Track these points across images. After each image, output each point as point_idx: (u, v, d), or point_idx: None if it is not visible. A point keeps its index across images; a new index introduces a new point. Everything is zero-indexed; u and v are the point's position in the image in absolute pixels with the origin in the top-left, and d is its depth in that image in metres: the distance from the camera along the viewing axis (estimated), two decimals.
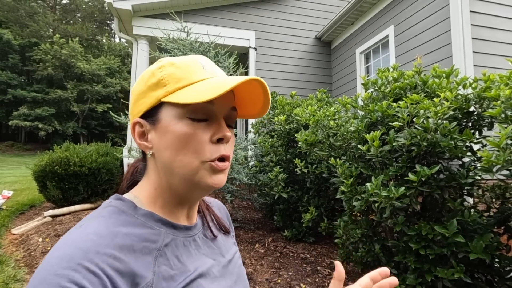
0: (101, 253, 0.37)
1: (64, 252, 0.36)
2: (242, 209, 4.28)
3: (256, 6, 6.03)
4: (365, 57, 5.34)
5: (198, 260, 0.48)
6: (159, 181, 0.49)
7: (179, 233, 0.48)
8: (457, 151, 1.63)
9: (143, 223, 0.45)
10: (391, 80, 2.25)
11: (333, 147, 2.39)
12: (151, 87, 0.47)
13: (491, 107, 1.69)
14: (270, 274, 2.34)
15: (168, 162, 0.46)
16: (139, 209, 0.46)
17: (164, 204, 0.49)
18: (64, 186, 4.19)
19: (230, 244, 0.60)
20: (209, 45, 3.31)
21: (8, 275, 2.42)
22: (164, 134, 0.46)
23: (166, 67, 0.48)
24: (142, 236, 0.43)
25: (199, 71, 0.48)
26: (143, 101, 0.48)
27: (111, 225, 0.41)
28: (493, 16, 3.28)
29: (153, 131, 0.47)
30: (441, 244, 1.67)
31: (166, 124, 0.46)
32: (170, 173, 0.47)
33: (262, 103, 0.52)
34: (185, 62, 0.48)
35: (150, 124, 0.48)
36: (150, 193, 0.49)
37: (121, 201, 0.47)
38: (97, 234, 0.39)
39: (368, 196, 1.77)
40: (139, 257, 0.40)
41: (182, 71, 0.47)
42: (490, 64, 3.11)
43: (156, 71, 0.48)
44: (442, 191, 1.69)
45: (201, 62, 0.49)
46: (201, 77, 0.47)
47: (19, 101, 20.82)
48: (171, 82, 0.46)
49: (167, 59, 0.49)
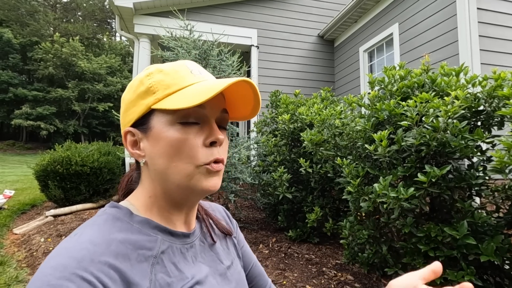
0: (95, 262, 0.36)
1: (58, 261, 0.36)
2: (245, 209, 4.26)
3: (259, 4, 5.98)
4: (368, 55, 5.30)
5: (195, 267, 0.48)
6: (153, 189, 0.48)
7: (176, 239, 0.48)
8: (467, 151, 1.60)
9: (139, 230, 0.44)
10: (398, 78, 2.21)
11: (338, 146, 2.36)
12: (141, 95, 0.47)
13: (503, 106, 1.65)
14: (275, 276, 2.31)
15: (162, 169, 0.46)
16: (135, 216, 0.45)
17: (160, 211, 0.48)
18: (65, 185, 4.17)
19: (230, 249, 0.59)
20: (213, 43, 3.27)
21: (10, 276, 2.40)
22: (157, 142, 0.46)
23: (154, 74, 0.47)
24: (138, 243, 0.42)
25: (187, 76, 0.47)
26: (133, 109, 0.48)
27: (106, 233, 0.41)
28: (501, 13, 3.23)
29: (145, 139, 0.47)
30: (450, 246, 1.63)
31: (158, 131, 0.45)
32: (164, 180, 0.47)
33: (253, 104, 0.51)
34: (173, 68, 0.48)
35: (142, 132, 0.47)
36: (145, 201, 0.48)
37: (117, 209, 0.46)
38: (91, 242, 0.39)
39: (376, 196, 1.74)
40: (134, 264, 0.40)
41: (170, 77, 0.46)
42: (498, 62, 3.07)
43: (145, 79, 0.48)
44: (451, 191, 1.66)
45: (189, 66, 0.49)
46: (190, 82, 0.46)
47: (20, 100, 20.84)
48: (160, 88, 0.46)
49: (155, 66, 0.49)
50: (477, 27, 3.12)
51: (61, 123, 21.32)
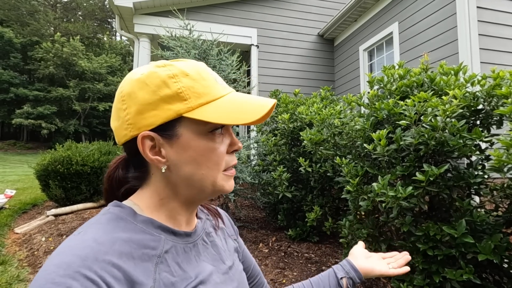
0: (99, 260, 0.36)
1: (62, 259, 0.35)
2: (245, 208, 4.26)
3: (258, 3, 5.98)
4: (368, 54, 5.29)
5: (198, 267, 0.48)
6: (168, 192, 0.48)
7: (179, 239, 0.48)
8: (466, 150, 1.60)
9: (143, 230, 0.44)
10: (397, 77, 2.22)
11: (338, 146, 2.36)
12: (165, 99, 0.44)
13: (501, 105, 1.66)
14: (275, 275, 2.32)
15: (189, 175, 0.46)
16: (138, 216, 0.45)
17: (169, 212, 0.49)
18: (66, 185, 4.19)
19: (231, 250, 0.60)
20: (212, 42, 3.28)
21: (12, 275, 2.41)
22: (184, 150, 0.46)
23: (180, 77, 0.45)
24: (141, 243, 0.42)
25: (215, 86, 0.48)
26: (155, 113, 0.44)
27: (110, 232, 0.41)
28: (501, 12, 3.23)
29: (168, 146, 0.46)
30: (449, 244, 1.64)
31: (187, 140, 0.45)
32: (187, 185, 0.47)
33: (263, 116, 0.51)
34: (199, 74, 0.47)
35: (165, 138, 0.45)
36: (154, 203, 0.48)
37: (120, 208, 0.46)
38: (95, 240, 0.38)
39: (375, 195, 1.75)
40: (138, 264, 0.40)
41: (200, 86, 0.46)
42: (498, 61, 3.07)
43: (169, 80, 0.45)
44: (450, 190, 1.66)
45: (211, 74, 0.49)
46: (220, 94, 0.47)
47: (21, 99, 20.88)
48: (192, 97, 0.45)
49: (176, 67, 0.46)
50: (476, 26, 3.11)
51: (62, 123, 21.36)
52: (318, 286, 0.70)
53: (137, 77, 0.46)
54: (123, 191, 0.52)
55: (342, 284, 0.70)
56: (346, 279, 0.70)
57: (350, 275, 0.70)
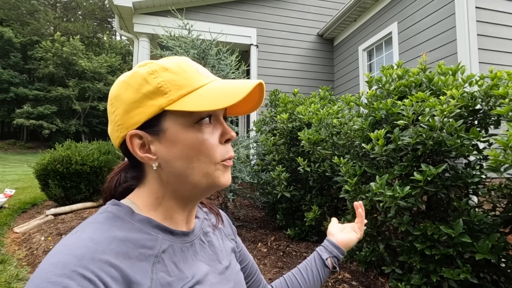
0: (96, 260, 0.36)
1: (59, 259, 0.35)
2: (244, 207, 4.27)
3: (258, 3, 5.98)
4: (368, 54, 5.29)
5: (195, 266, 0.48)
6: (163, 190, 0.48)
7: (177, 239, 0.48)
8: (463, 149, 1.60)
9: (140, 229, 0.44)
10: (396, 77, 2.22)
11: (336, 145, 2.36)
12: (148, 95, 0.44)
13: (499, 105, 1.66)
14: (273, 274, 2.33)
15: (180, 171, 0.46)
16: (136, 215, 0.45)
17: (166, 211, 0.48)
18: (66, 184, 4.19)
19: (228, 250, 0.60)
20: (211, 42, 3.28)
21: (11, 274, 2.42)
22: (173, 145, 0.45)
23: (159, 72, 0.45)
24: (138, 242, 0.42)
25: (197, 76, 0.46)
26: (139, 110, 0.44)
27: (107, 231, 0.41)
28: (499, 12, 3.23)
29: (157, 142, 0.45)
30: (446, 244, 1.65)
31: (174, 134, 0.45)
32: (181, 182, 0.47)
33: (256, 101, 0.52)
34: (180, 67, 0.46)
35: (152, 135, 0.45)
36: (151, 202, 0.48)
37: (118, 207, 0.46)
38: (92, 240, 0.38)
39: (373, 195, 1.75)
40: (135, 263, 0.40)
41: (181, 77, 0.45)
42: (496, 61, 3.07)
43: (149, 77, 0.45)
44: (448, 190, 1.66)
45: (193, 65, 0.48)
46: (202, 82, 0.46)
47: (21, 99, 20.87)
48: (173, 89, 0.44)
49: (156, 63, 0.47)
50: (475, 26, 3.12)
51: (62, 122, 21.36)
52: (306, 271, 0.75)
53: (122, 79, 0.47)
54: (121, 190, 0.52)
55: (328, 264, 0.75)
56: (330, 259, 0.76)
57: (334, 253, 0.77)
